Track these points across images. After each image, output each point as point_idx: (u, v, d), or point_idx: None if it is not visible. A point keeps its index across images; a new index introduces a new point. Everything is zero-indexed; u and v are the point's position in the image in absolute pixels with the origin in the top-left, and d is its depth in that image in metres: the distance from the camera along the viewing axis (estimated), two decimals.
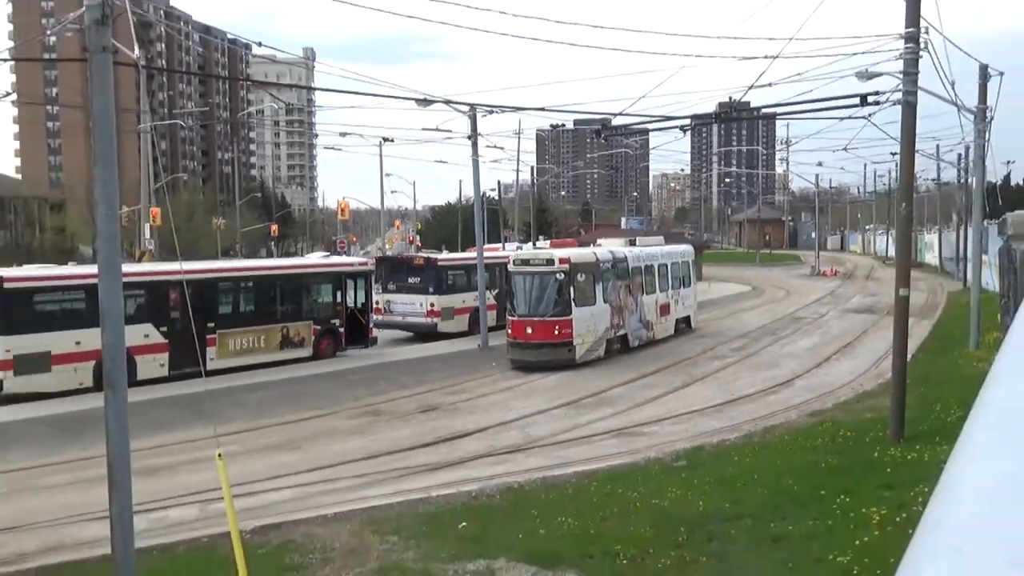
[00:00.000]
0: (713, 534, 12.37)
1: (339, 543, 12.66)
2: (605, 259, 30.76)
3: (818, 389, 24.90)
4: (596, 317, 29.25)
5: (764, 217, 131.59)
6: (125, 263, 14.07)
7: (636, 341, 31.94)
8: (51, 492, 16.24)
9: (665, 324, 34.69)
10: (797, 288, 62.37)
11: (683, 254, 38.45)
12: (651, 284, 33.65)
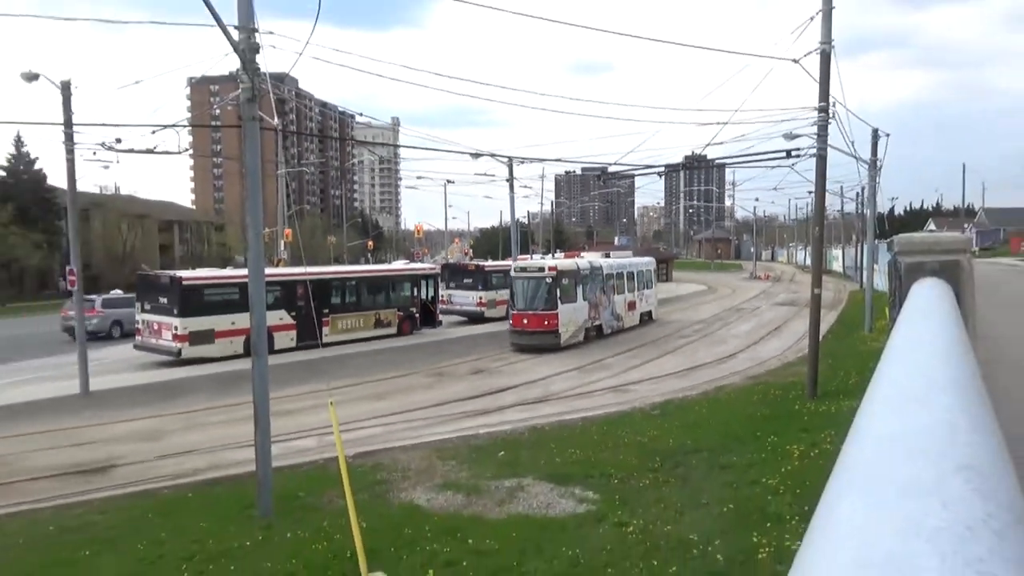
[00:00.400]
0: (679, 463, 12.27)
1: (414, 465, 12.68)
2: (584, 267, 29.73)
3: (755, 360, 24.62)
4: (577, 311, 28.25)
5: (717, 237, 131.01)
6: (266, 268, 14.16)
7: (609, 329, 30.91)
8: (214, 427, 16.42)
9: (632, 316, 33.67)
10: (740, 288, 61.77)
11: (646, 264, 37.38)
12: (621, 286, 32.56)
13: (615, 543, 8.68)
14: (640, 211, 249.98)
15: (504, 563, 8.18)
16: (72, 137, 19.73)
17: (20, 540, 9.42)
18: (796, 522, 8.57)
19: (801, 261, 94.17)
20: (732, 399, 18.04)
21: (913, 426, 0.85)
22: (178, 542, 9.15)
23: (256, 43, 10.10)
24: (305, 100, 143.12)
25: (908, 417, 0.94)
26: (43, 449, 14.57)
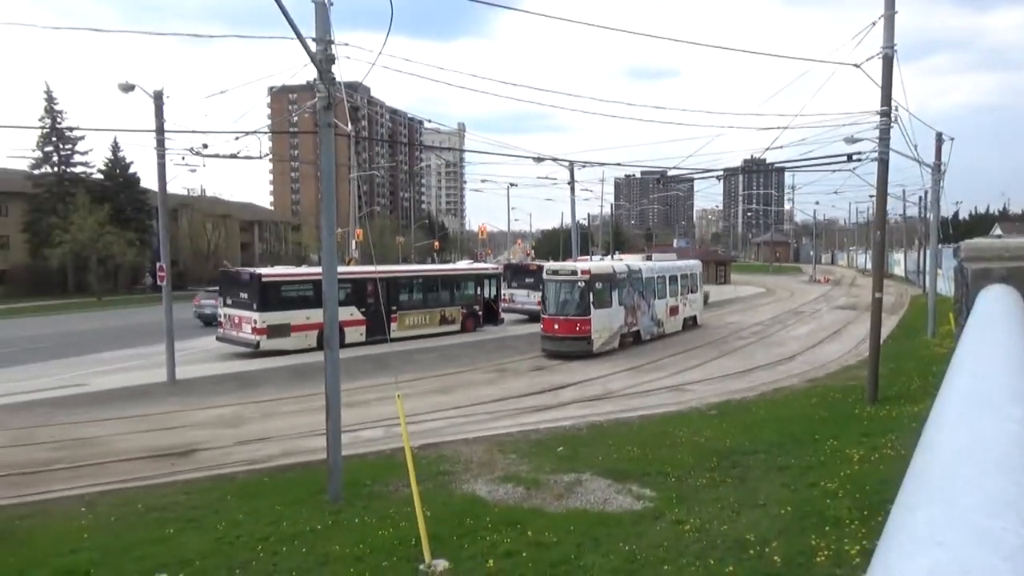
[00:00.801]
0: (736, 463, 12.03)
1: (476, 457, 12.75)
2: (621, 271, 27.25)
3: (814, 363, 23.95)
4: (612, 316, 26.00)
5: (775, 240, 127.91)
6: (339, 266, 14.40)
7: (648, 335, 28.50)
8: (288, 416, 16.80)
9: (674, 322, 31.13)
10: (799, 291, 60.17)
11: (692, 267, 34.21)
12: (662, 290, 30.05)
13: (671, 540, 8.57)
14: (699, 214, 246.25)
15: (562, 556, 8.16)
16: (163, 143, 20.50)
17: (112, 518, 9.83)
18: (855, 526, 8.31)
19: (862, 265, 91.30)
20: (790, 401, 17.59)
21: (987, 438, 0.82)
22: (254, 523, 9.41)
23: (332, 54, 10.31)
24: (376, 107, 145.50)
25: (981, 428, 0.90)
26: (133, 432, 15.18)
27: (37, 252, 56.91)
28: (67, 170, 60.06)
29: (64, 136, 59.20)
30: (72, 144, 60.08)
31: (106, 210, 55.38)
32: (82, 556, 8.36)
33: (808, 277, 76.97)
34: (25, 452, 13.64)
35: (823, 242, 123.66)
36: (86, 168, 61.44)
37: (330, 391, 10.70)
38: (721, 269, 75.65)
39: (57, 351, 26.76)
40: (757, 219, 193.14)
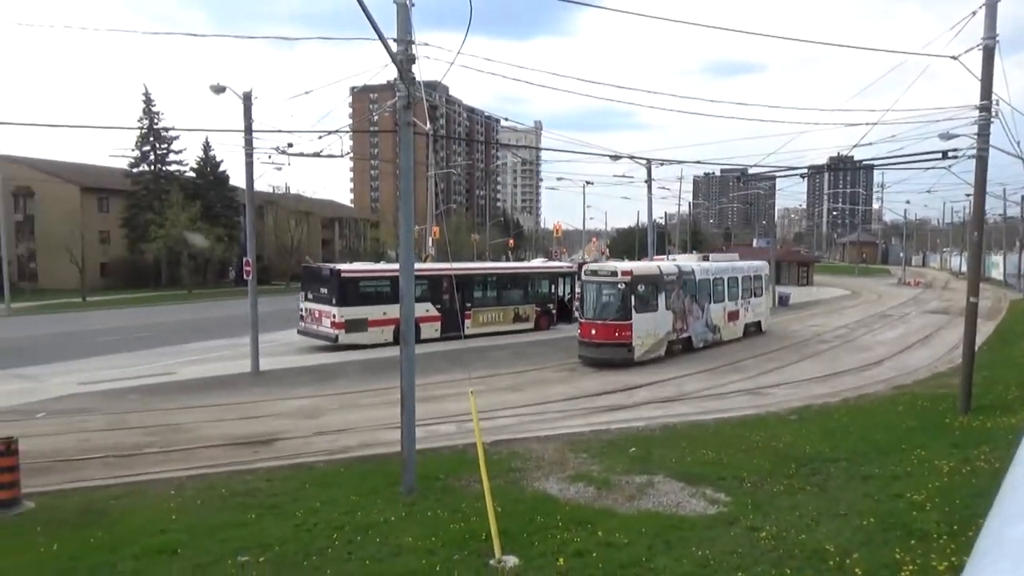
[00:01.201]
0: (816, 470, 11.64)
1: (547, 456, 12.74)
2: (670, 272, 25.15)
3: (901, 368, 22.93)
4: (658, 322, 23.95)
5: (862, 240, 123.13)
6: (415, 263, 14.60)
7: (701, 343, 26.33)
8: (365, 409, 17.16)
9: (733, 328, 28.72)
10: (887, 293, 57.74)
11: (756, 269, 31.39)
12: (719, 294, 27.75)
13: (746, 547, 8.36)
14: (781, 213, 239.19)
15: (633, 557, 8.07)
16: (251, 142, 21.28)
17: (199, 501, 10.27)
18: (944, 541, 7.93)
19: (955, 267, 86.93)
20: (875, 408, 16.90)
21: None
22: (331, 512, 9.67)
23: (412, 54, 10.47)
24: (455, 106, 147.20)
25: None
26: (219, 420, 15.82)
27: (134, 246, 60.06)
28: (163, 168, 63.10)
29: (160, 136, 62.21)
30: (167, 144, 63.07)
31: (197, 207, 57.94)
32: (170, 536, 8.76)
33: (897, 279, 73.80)
34: (120, 436, 14.39)
35: (914, 243, 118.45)
36: (180, 166, 64.46)
37: (405, 386, 10.88)
38: (803, 270, 73.35)
39: (152, 341, 28.16)
40: (843, 218, 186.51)
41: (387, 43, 10.12)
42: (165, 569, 7.88)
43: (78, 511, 9.84)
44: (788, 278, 68.66)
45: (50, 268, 56.83)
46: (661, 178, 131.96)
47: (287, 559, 8.12)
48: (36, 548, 8.42)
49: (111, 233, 61.72)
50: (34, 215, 59.32)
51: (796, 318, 39.46)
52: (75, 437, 14.22)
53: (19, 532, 9.00)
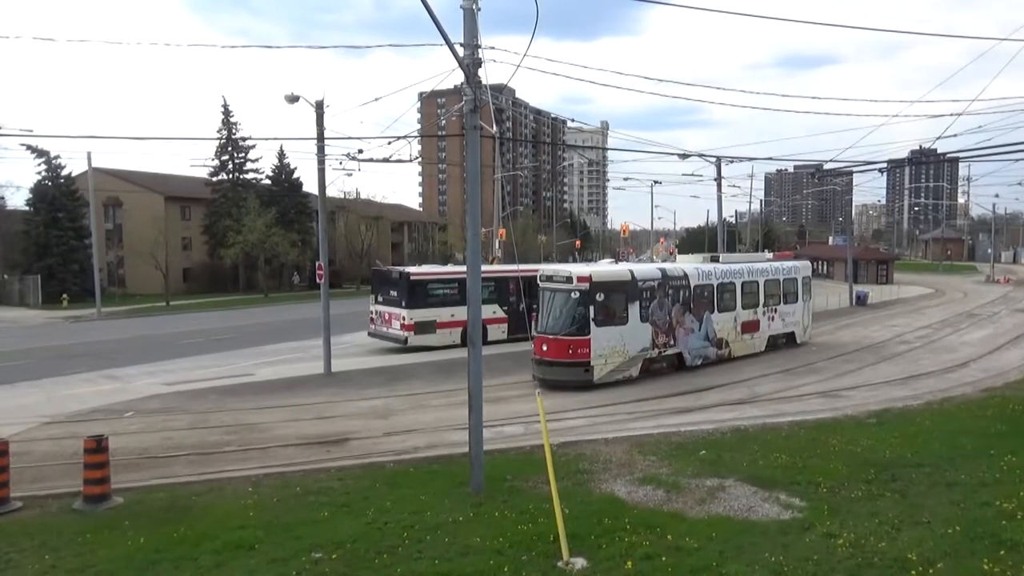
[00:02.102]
0: (897, 476, 11.19)
1: (615, 458, 12.63)
2: (647, 277, 21.25)
3: (990, 371, 21.85)
4: (627, 336, 20.23)
5: (946, 236, 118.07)
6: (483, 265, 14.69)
7: (698, 360, 22.53)
8: (433, 410, 17.35)
9: (749, 342, 24.69)
10: (973, 291, 55.14)
11: (790, 270, 27.40)
12: (727, 301, 23.84)
13: (822, 554, 8.10)
14: (858, 209, 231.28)
15: (703, 562, 7.93)
16: (323, 149, 21.84)
17: (275, 499, 10.58)
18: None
19: None
20: (961, 412, 16.15)
21: None
22: (401, 511, 9.81)
23: (479, 58, 10.55)
24: (521, 108, 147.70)
25: None
26: (294, 420, 16.27)
27: (214, 252, 62.43)
28: (240, 177, 65.35)
29: (238, 146, 64.44)
30: (245, 153, 65.29)
31: (272, 213, 59.80)
32: (248, 532, 9.05)
33: (985, 277, 70.42)
34: (201, 435, 14.96)
35: (1004, 238, 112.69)
36: (256, 174, 66.64)
37: (473, 387, 10.95)
38: (883, 268, 70.86)
39: (231, 343, 29.22)
40: (925, 214, 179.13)
41: (454, 48, 10.23)
42: (243, 564, 8.14)
43: (163, 507, 10.28)
44: (866, 276, 66.36)
45: (137, 273, 59.56)
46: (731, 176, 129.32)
47: (359, 557, 8.28)
48: (125, 541, 8.82)
49: (192, 240, 64.34)
50: (122, 224, 62.30)
51: (874, 318, 38.08)
52: (160, 435, 14.85)
53: (110, 526, 9.45)
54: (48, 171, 56.46)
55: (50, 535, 9.12)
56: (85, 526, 9.44)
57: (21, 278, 53.89)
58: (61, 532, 9.23)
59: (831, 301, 44.39)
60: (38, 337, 33.29)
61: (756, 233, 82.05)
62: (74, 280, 53.87)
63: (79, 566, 8.13)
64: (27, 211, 57.28)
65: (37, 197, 56.10)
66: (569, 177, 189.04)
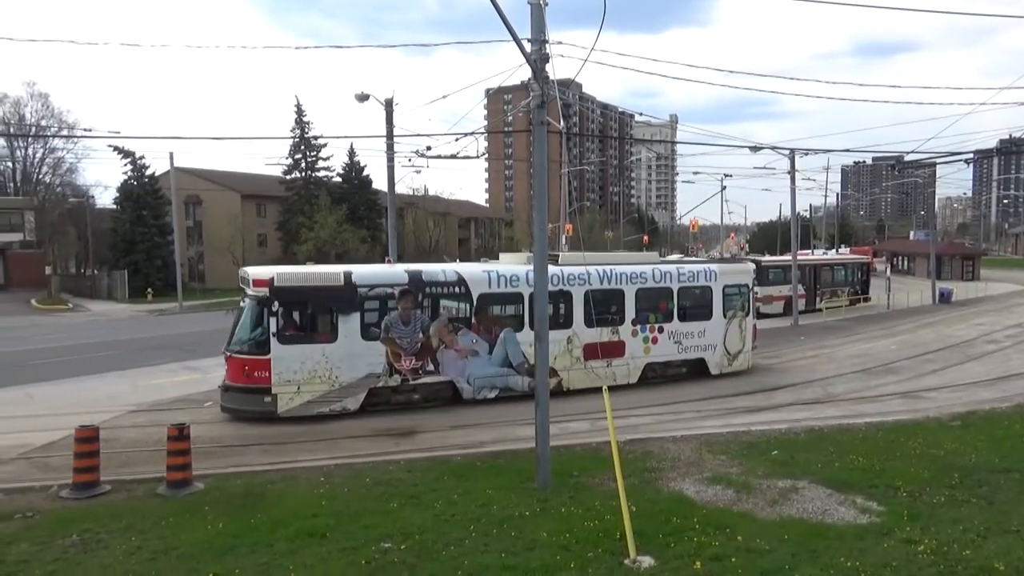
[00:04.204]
0: (983, 481, 10.70)
1: (683, 456, 12.47)
2: (379, 282, 16.50)
3: None
4: (337, 358, 15.75)
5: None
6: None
7: (490, 392, 17.36)
8: (500, 405, 17.22)
9: (603, 370, 18.40)
10: None
11: (702, 275, 20.29)
12: (558, 316, 17.89)
13: (901, 561, 7.81)
14: (942, 203, 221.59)
15: (775, 565, 7.75)
16: (392, 147, 22.23)
17: (345, 489, 10.83)
18: None
19: None
20: None
21: None
22: (468, 504, 9.92)
23: (546, 54, 10.53)
24: (588, 103, 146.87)
25: None
26: (363, 411, 16.56)
27: (288, 248, 64.22)
28: (312, 175, 67.01)
29: (310, 144, 66.07)
30: (317, 151, 66.89)
31: (343, 210, 61.13)
32: (320, 520, 9.30)
33: None
34: (274, 425, 15.40)
35: None
36: (328, 172, 68.22)
37: (539, 382, 10.97)
38: (968, 264, 67.76)
39: None
40: (1015, 207, 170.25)
41: (521, 44, 10.24)
42: (316, 551, 8.37)
43: (240, 493, 10.65)
44: (950, 273, 63.60)
45: (216, 269, 61.87)
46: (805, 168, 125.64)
47: (427, 548, 8.41)
48: (205, 526, 9.19)
49: (267, 236, 66.40)
50: (202, 221, 64.82)
51: (959, 316, 36.43)
52: (235, 425, 15.37)
53: (191, 510, 9.85)
54: (134, 171, 59.20)
55: (136, 518, 9.57)
56: (168, 510, 9.87)
57: (109, 273, 56.75)
58: (146, 515, 9.68)
59: (912, 298, 42.69)
60: (124, 329, 34.96)
61: (831, 228, 79.46)
62: (157, 275, 56.38)
63: (163, 548, 8.51)
64: (114, 209, 60.28)
65: (123, 196, 58.91)
66: (637, 172, 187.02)
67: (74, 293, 56.48)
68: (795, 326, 31.59)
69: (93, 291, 56.38)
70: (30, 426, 14.92)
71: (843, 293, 40.87)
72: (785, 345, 27.05)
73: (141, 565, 8.07)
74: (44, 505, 10.33)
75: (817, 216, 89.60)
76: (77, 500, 10.46)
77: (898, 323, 33.92)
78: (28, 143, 65.17)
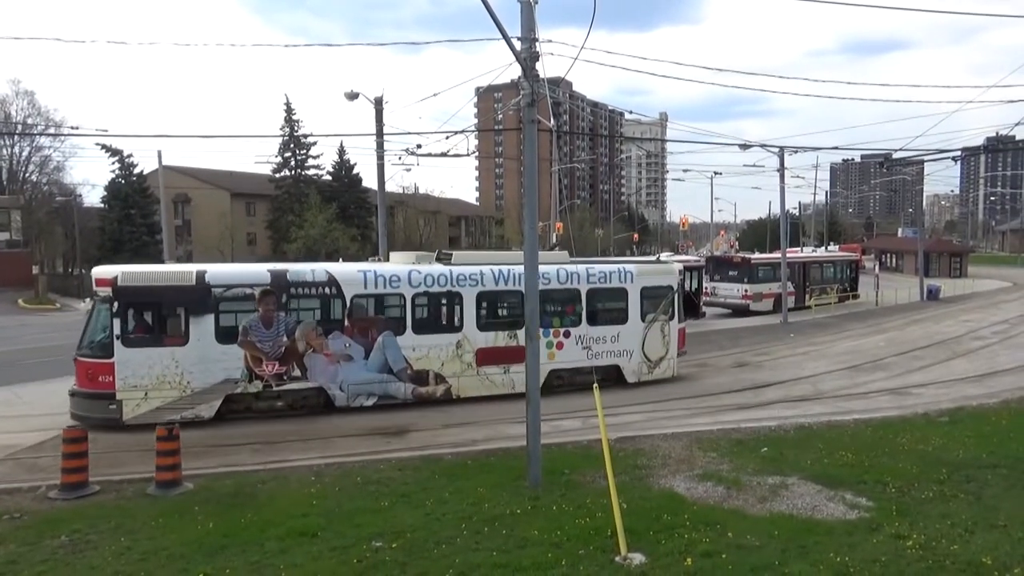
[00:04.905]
0: (971, 477, 10.79)
1: (674, 454, 12.50)
2: (236, 281, 15.62)
3: None
4: (189, 363, 14.88)
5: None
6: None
7: (367, 399, 16.34)
8: (490, 403, 17.16)
9: (501, 377, 17.38)
10: None
11: (617, 276, 18.78)
12: (449, 318, 17.26)
13: (891, 556, 7.87)
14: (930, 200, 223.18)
15: (765, 560, 7.79)
16: (383, 145, 22.17)
17: (336, 488, 10.81)
18: None
19: None
20: None
21: None
22: (459, 503, 9.92)
23: (536, 52, 10.53)
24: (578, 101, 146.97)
25: None
26: (355, 410, 16.53)
27: (277, 247, 64.04)
28: (302, 173, 66.85)
29: (300, 143, 65.92)
30: (306, 149, 66.74)
31: (333, 208, 60.98)
32: (311, 520, 9.28)
33: None
34: (264, 424, 15.34)
35: None
36: (317, 171, 68.11)
37: (530, 381, 10.98)
38: (956, 261, 68.33)
39: None
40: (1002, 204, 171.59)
41: (511, 42, 10.24)
42: (306, 550, 8.35)
43: (230, 493, 10.61)
44: (938, 270, 64.06)
45: None
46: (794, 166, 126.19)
47: (418, 546, 8.40)
48: (195, 526, 9.15)
49: (257, 235, 66.25)
50: (191, 219, 64.52)
51: (946, 313, 36.70)
52: (226, 424, 15.31)
53: (181, 510, 9.81)
54: (121, 170, 58.87)
55: (126, 518, 9.52)
56: (158, 510, 9.82)
57: None
58: (135, 515, 9.63)
59: (900, 296, 42.99)
60: None
61: (820, 225, 79.84)
62: None
63: (153, 548, 8.47)
64: (102, 208, 59.88)
65: (111, 194, 58.59)
66: (627, 170, 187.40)
67: (61, 293, 56.07)
68: (784, 323, 31.72)
69: (81, 291, 55.93)
70: (18, 427, 14.82)
71: (832, 290, 41.10)
72: (774, 342, 27.18)
73: (131, 565, 8.03)
74: (32, 506, 10.26)
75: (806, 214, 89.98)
76: (66, 501, 10.39)
77: (886, 320, 34.13)
78: (14, 141, 64.64)
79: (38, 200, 65.00)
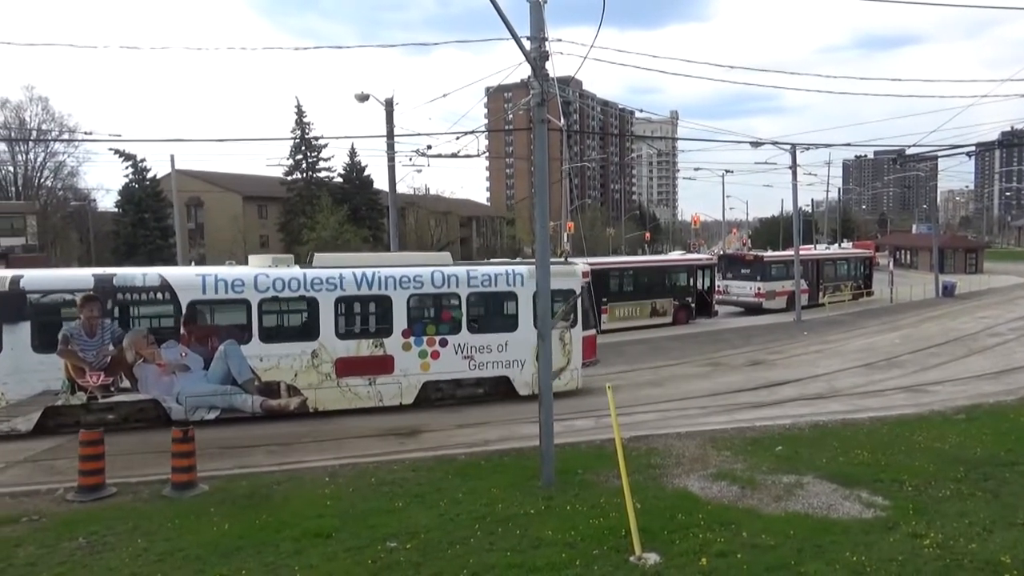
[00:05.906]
0: (988, 475, 10.69)
1: (688, 453, 12.46)
2: (52, 287, 14.67)
3: None
4: (2, 374, 14.03)
5: None
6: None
7: (208, 412, 15.22)
8: (504, 403, 17.26)
9: (366, 389, 16.21)
10: None
11: (505, 278, 17.25)
12: (302, 325, 16.21)
13: (907, 555, 7.81)
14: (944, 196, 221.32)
15: (780, 560, 7.75)
16: (393, 146, 22.24)
17: (351, 489, 10.85)
18: None
19: None
20: None
21: None
22: (473, 503, 9.92)
23: (545, 51, 10.53)
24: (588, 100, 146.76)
25: None
26: (367, 412, 16.57)
27: (290, 249, 64.20)
28: (313, 175, 67.07)
29: (311, 145, 66.13)
30: (317, 152, 66.95)
31: (345, 210, 61.17)
32: (326, 521, 9.32)
33: None
34: (278, 426, 15.42)
35: None
36: (329, 173, 68.31)
37: (543, 380, 10.98)
38: (971, 257, 67.77)
39: None
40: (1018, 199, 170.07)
41: (520, 42, 10.24)
42: (321, 551, 8.39)
43: (245, 494, 10.67)
44: (953, 266, 63.55)
45: None
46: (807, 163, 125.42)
47: (432, 547, 8.42)
48: (211, 527, 9.20)
49: (269, 237, 66.49)
50: (204, 223, 64.91)
51: (962, 309, 36.40)
52: (240, 426, 15.38)
53: (196, 512, 9.87)
54: (135, 174, 59.30)
55: (142, 520, 9.59)
56: (174, 512, 9.89)
57: None
58: (152, 517, 9.70)
59: (915, 292, 42.67)
60: None
61: (834, 222, 79.44)
62: None
63: (169, 549, 8.53)
64: (116, 212, 60.33)
65: (125, 199, 59.03)
66: (638, 168, 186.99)
67: None
68: (798, 321, 31.62)
69: None
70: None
71: (846, 287, 40.86)
72: (788, 340, 27.05)
73: (148, 567, 8.09)
74: (50, 508, 10.35)
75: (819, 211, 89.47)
76: (83, 503, 10.48)
77: (901, 317, 33.90)
78: (29, 147, 65.25)
79: (53, 205, 65.60)
